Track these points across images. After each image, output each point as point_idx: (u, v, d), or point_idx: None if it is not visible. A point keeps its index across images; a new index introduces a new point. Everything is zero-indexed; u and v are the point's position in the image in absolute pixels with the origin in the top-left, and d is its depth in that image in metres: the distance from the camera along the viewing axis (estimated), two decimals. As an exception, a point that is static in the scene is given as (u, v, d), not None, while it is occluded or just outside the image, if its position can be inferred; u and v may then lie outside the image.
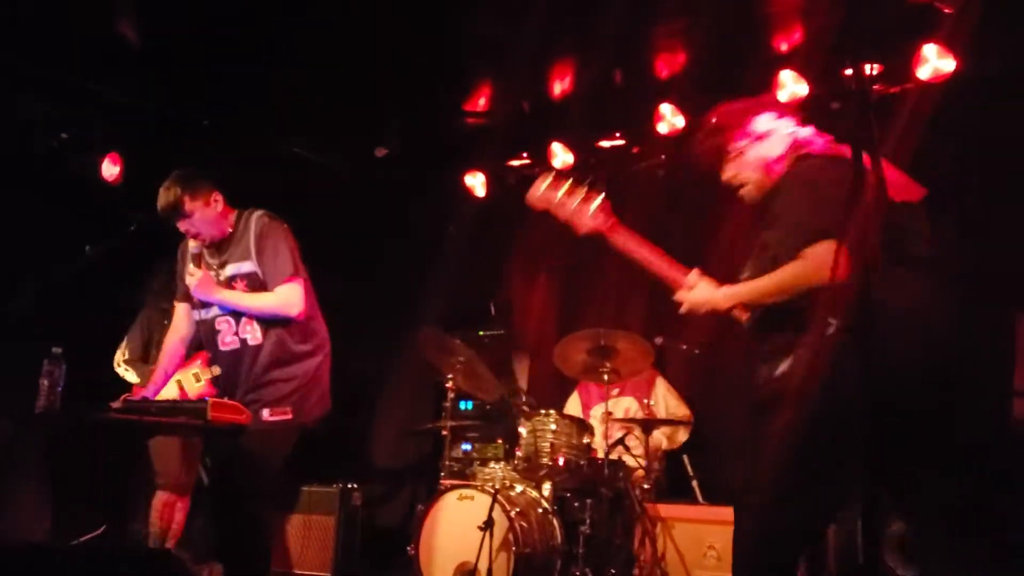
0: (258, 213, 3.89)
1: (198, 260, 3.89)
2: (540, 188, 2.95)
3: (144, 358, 5.18)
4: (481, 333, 6.79)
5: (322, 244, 6.67)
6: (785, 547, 2.64)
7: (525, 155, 6.84)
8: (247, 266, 3.78)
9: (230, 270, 3.82)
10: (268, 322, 3.74)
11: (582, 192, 2.96)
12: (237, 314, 3.77)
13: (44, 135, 5.85)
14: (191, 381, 4.88)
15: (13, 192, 5.58)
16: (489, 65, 5.90)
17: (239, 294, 3.77)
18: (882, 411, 2.06)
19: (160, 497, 4.89)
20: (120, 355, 5.20)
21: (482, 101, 6.33)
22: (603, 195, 3.01)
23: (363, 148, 6.83)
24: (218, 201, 3.82)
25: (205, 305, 3.86)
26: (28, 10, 5.01)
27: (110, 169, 6.12)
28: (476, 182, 7.01)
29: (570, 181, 2.95)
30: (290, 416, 3.67)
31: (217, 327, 3.82)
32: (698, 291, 2.87)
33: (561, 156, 6.51)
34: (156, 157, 6.18)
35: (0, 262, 5.25)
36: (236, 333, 3.78)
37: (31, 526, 5.50)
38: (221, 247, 3.87)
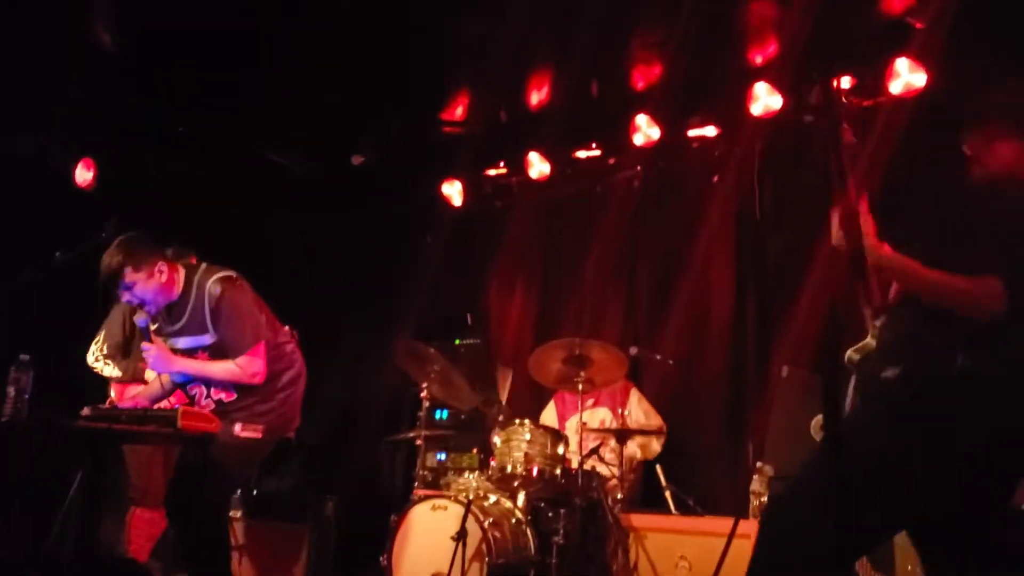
0: (210, 282, 3.75)
1: (148, 335, 3.83)
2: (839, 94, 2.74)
3: (125, 352, 5.06)
4: (457, 342, 6.78)
5: (297, 251, 6.72)
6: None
7: (502, 164, 6.86)
8: (206, 339, 3.76)
9: (189, 343, 3.79)
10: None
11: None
12: (205, 382, 3.80)
13: (18, 139, 5.80)
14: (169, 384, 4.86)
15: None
16: (467, 74, 5.92)
17: (201, 364, 3.77)
18: None
19: (139, 514, 4.71)
20: (97, 349, 5.07)
21: (459, 110, 6.35)
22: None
23: (340, 156, 6.81)
24: (163, 272, 3.71)
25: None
26: (2, 13, 4.97)
27: (83, 174, 6.09)
28: (453, 191, 7.01)
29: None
30: (260, 435, 3.72)
31: (191, 391, 3.87)
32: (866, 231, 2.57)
33: (538, 166, 6.53)
34: (131, 163, 6.18)
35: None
36: (209, 396, 3.82)
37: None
38: (172, 313, 3.80)
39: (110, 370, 5.01)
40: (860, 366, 2.62)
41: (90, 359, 5.04)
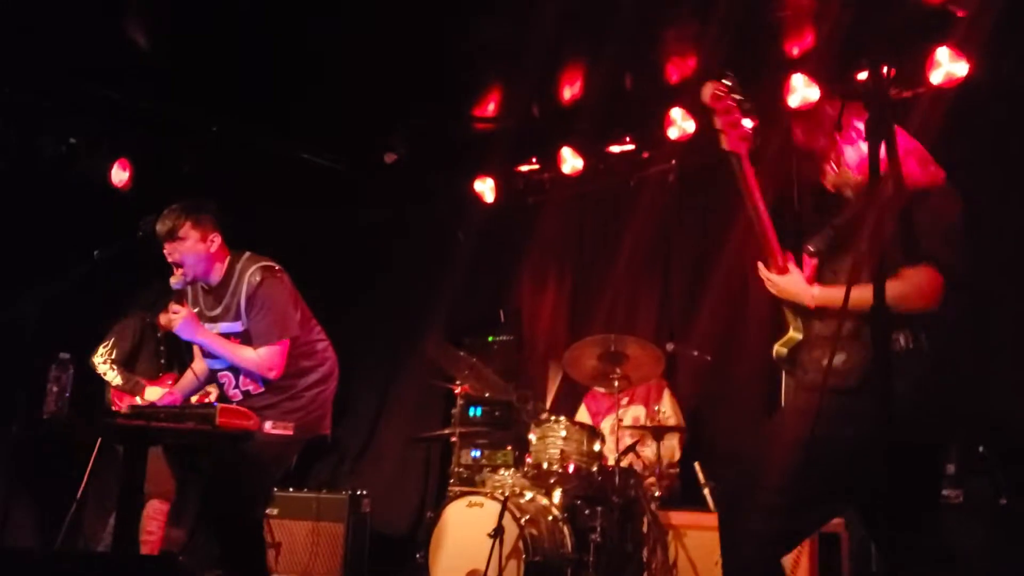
0: (252, 269, 3.76)
1: (179, 297, 3.81)
2: (717, 88, 2.79)
3: (130, 365, 5.18)
4: (491, 339, 6.77)
5: (331, 251, 6.73)
6: (787, 548, 2.57)
7: (534, 160, 6.83)
8: (239, 326, 3.76)
9: (224, 328, 3.79)
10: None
11: (746, 107, 2.82)
12: (235, 370, 3.79)
13: (53, 140, 5.85)
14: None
15: (21, 197, 5.59)
16: (498, 70, 5.88)
17: (221, 340, 3.76)
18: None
19: (155, 506, 4.82)
20: (105, 352, 5.15)
21: (491, 106, 6.31)
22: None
23: (373, 154, 6.81)
24: (214, 242, 3.75)
25: (206, 356, 3.90)
26: (38, 15, 5.01)
27: (119, 175, 6.13)
28: (485, 187, 6.99)
29: (740, 96, 2.81)
30: (291, 432, 3.70)
31: (220, 380, 3.87)
32: (790, 279, 2.78)
33: (571, 161, 6.49)
34: (165, 163, 6.22)
35: (7, 267, 5.26)
36: (237, 387, 3.82)
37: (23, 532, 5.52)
38: (213, 298, 3.82)
39: (113, 375, 5.12)
40: (792, 359, 2.79)
41: (96, 359, 5.13)
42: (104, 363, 5.10)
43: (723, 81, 2.79)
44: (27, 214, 5.60)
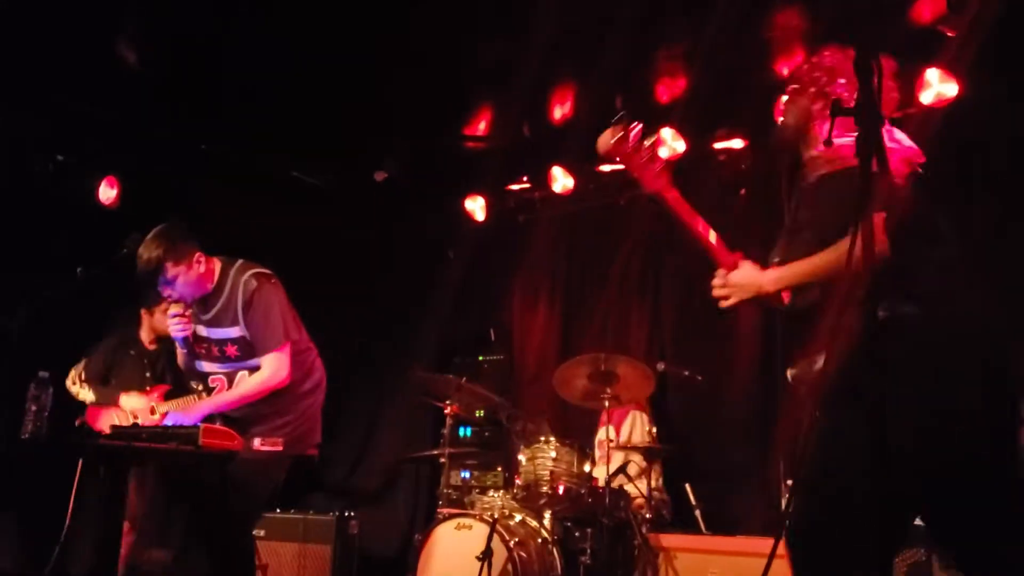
0: (246, 276, 3.75)
1: (187, 345, 3.83)
2: (613, 136, 2.77)
3: (103, 381, 5.16)
4: (481, 359, 6.73)
5: (319, 269, 6.70)
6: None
7: (525, 179, 6.82)
8: (236, 331, 3.73)
9: (218, 334, 3.77)
10: None
11: (650, 144, 2.80)
12: (230, 375, 3.76)
13: (41, 157, 5.82)
14: (146, 413, 4.90)
15: (9, 214, 5.55)
16: (490, 89, 5.88)
17: (226, 395, 3.73)
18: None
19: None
20: (75, 373, 5.15)
21: (482, 125, 6.31)
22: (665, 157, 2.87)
23: (363, 172, 6.80)
24: (200, 262, 3.72)
25: (197, 358, 3.86)
26: (26, 31, 4.99)
27: (107, 192, 6.10)
28: (476, 206, 6.98)
29: (639, 129, 2.77)
30: (280, 448, 3.66)
31: (212, 384, 3.84)
32: (743, 272, 2.73)
33: (561, 180, 6.48)
34: (154, 181, 6.19)
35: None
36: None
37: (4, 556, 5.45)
38: (206, 304, 3.79)
39: (85, 393, 5.09)
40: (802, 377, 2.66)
41: (68, 382, 5.11)
42: (74, 384, 5.10)
43: (614, 127, 2.76)
44: (14, 231, 5.56)
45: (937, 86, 4.98)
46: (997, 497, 2.32)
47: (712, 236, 2.79)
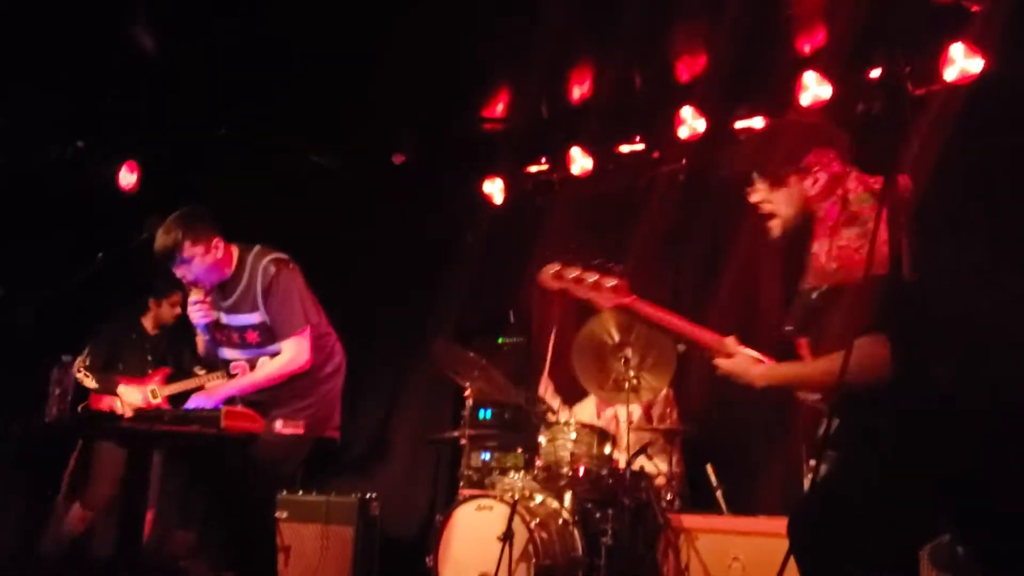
0: (264, 262, 3.77)
1: (207, 331, 3.85)
2: (550, 271, 2.85)
3: (106, 368, 5.25)
4: (500, 341, 6.72)
5: (339, 252, 6.70)
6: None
7: (544, 160, 6.78)
8: (256, 317, 3.75)
9: (239, 320, 3.79)
10: None
11: (594, 272, 2.85)
12: (252, 361, 3.78)
13: (60, 143, 5.84)
14: (148, 397, 4.95)
15: (29, 200, 5.58)
16: (507, 70, 5.85)
17: (248, 378, 3.75)
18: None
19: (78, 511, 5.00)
20: (80, 361, 5.23)
21: (500, 106, 6.28)
22: (619, 272, 2.89)
23: (381, 155, 6.78)
24: (218, 248, 3.73)
25: (219, 345, 3.88)
26: (46, 18, 5.00)
27: (127, 177, 6.12)
28: (494, 188, 6.94)
29: (579, 266, 2.89)
30: (302, 431, 3.68)
31: (233, 371, 3.87)
32: (737, 362, 2.77)
33: (580, 161, 6.44)
34: (174, 165, 6.21)
35: (14, 270, 5.25)
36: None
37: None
38: (225, 291, 3.80)
39: (89, 381, 5.17)
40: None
41: (73, 369, 5.18)
42: (79, 372, 5.17)
43: (553, 264, 2.90)
44: (34, 217, 5.59)
45: (962, 62, 4.90)
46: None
47: (693, 328, 2.84)
